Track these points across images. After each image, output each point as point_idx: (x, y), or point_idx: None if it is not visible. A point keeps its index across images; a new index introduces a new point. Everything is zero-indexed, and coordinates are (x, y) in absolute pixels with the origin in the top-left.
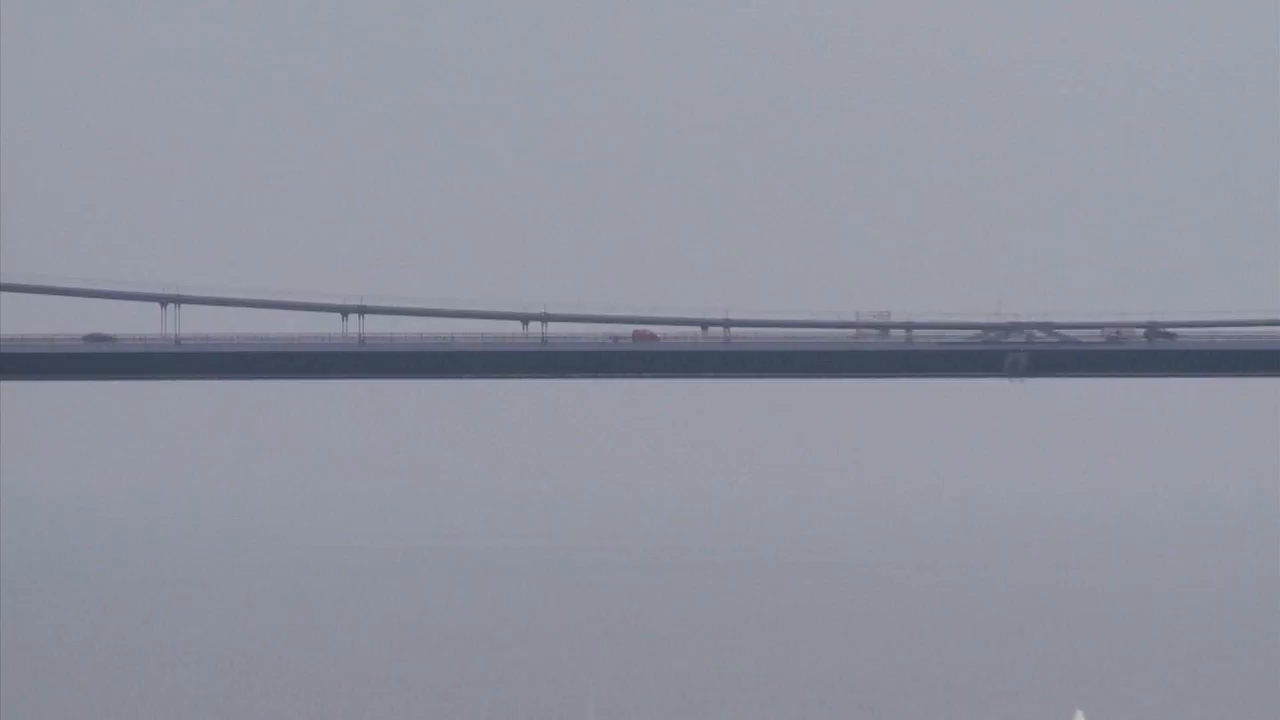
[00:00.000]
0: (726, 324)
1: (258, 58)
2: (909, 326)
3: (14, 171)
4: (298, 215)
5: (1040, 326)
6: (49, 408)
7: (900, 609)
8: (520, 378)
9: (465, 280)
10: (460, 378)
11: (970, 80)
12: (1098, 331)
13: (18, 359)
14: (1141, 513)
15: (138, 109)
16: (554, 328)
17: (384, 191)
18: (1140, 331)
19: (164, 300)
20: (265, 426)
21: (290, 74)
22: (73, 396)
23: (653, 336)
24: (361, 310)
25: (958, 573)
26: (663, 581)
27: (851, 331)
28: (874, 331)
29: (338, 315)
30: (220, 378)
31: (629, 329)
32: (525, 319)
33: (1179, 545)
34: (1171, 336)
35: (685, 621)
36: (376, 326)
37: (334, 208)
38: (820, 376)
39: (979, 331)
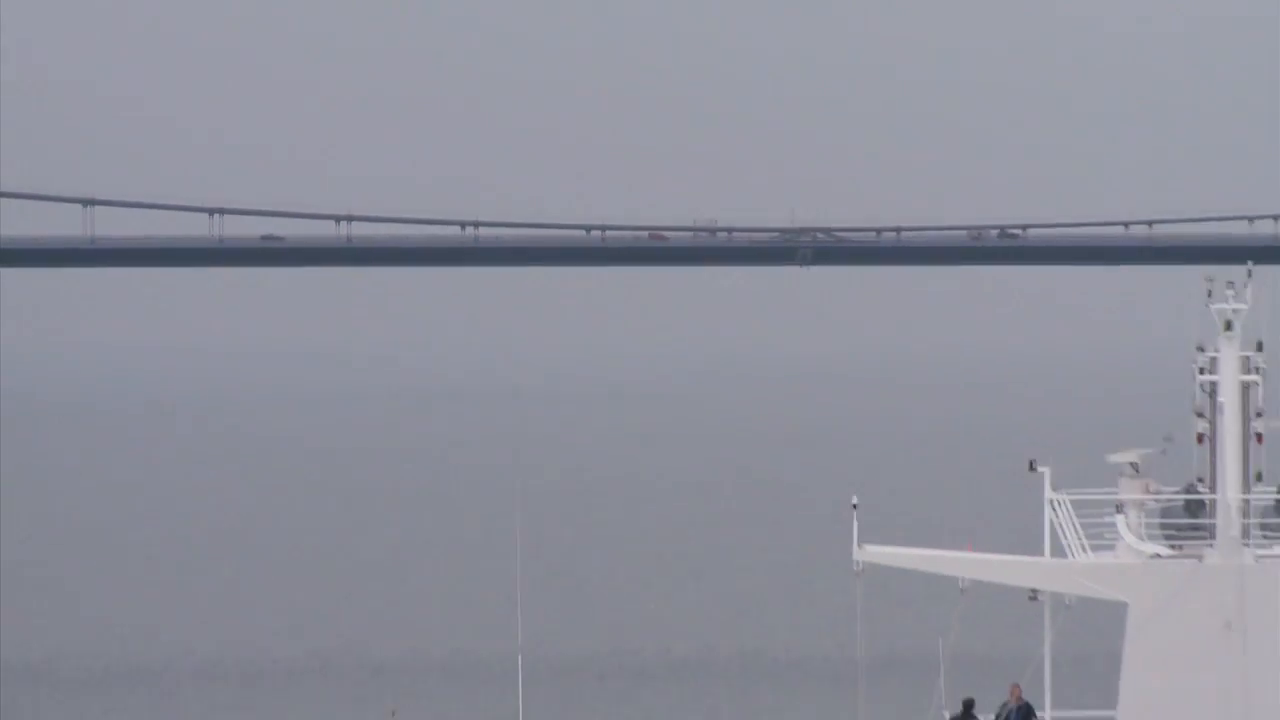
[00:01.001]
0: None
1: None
2: (730, 230)
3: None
4: (296, 138)
5: (822, 230)
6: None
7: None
8: (458, 266)
9: (439, 190)
10: (426, 265)
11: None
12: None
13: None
14: (921, 368)
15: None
16: (484, 231)
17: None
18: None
19: (210, 211)
20: (286, 305)
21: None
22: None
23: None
24: (350, 219)
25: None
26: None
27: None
28: (707, 233)
29: (332, 221)
30: (255, 265)
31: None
32: (463, 224)
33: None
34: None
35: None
36: (360, 230)
37: (325, 131)
38: (665, 265)
39: (778, 234)
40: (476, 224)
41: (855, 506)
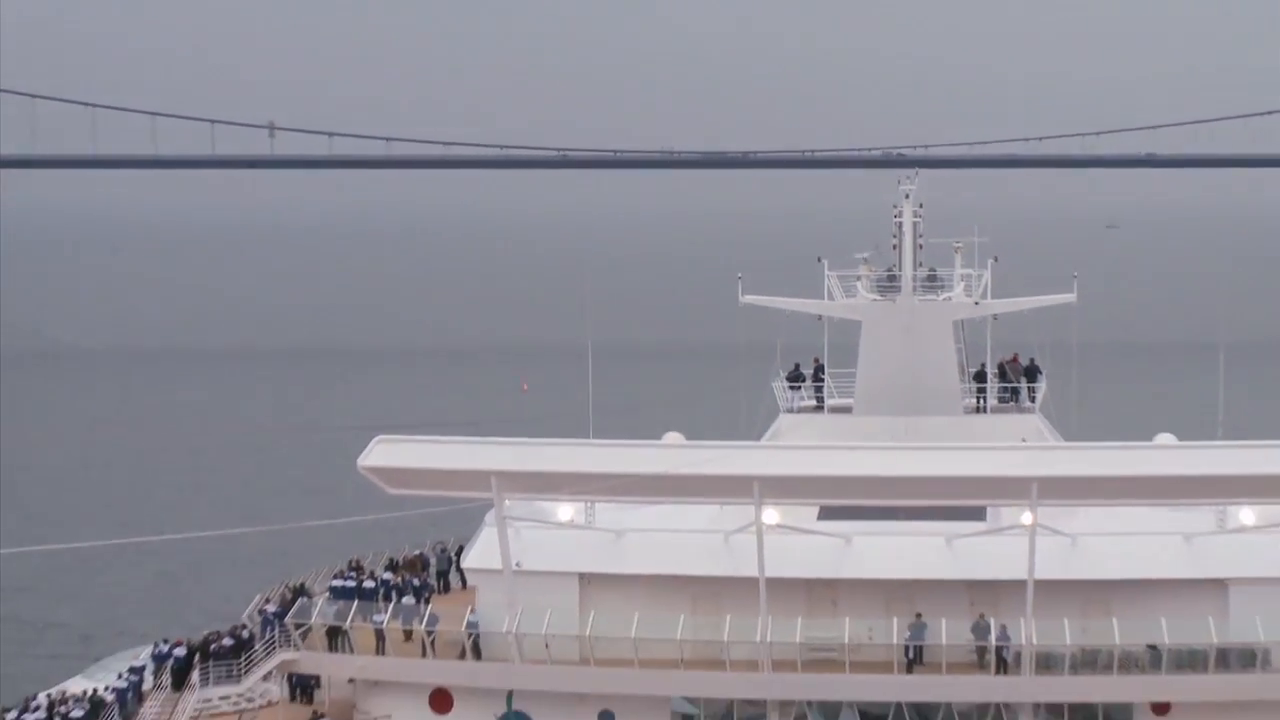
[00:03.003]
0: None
1: None
2: (679, 151)
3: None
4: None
5: (730, 153)
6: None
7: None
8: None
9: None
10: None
11: None
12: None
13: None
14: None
15: None
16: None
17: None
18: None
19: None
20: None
21: None
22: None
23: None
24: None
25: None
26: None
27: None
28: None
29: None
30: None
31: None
32: (556, 150)
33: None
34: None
35: None
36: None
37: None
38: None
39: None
40: (561, 149)
41: (740, 277)
